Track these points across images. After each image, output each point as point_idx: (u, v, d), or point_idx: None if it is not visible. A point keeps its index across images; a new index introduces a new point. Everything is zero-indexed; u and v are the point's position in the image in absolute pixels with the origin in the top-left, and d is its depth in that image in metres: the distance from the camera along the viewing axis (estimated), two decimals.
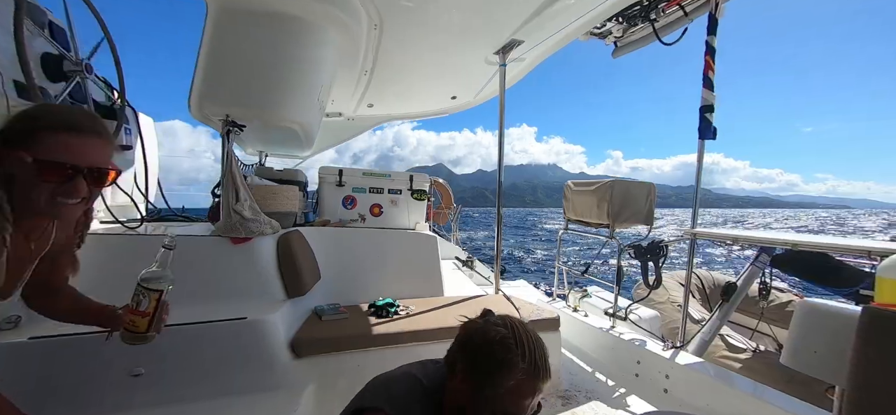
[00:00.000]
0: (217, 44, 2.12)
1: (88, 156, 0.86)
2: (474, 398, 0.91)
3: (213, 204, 2.57)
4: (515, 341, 0.91)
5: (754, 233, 2.31)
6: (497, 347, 0.91)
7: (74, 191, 0.86)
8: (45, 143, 0.82)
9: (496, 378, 0.89)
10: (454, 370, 0.97)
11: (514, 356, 0.89)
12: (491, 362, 0.90)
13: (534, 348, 0.92)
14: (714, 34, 2.46)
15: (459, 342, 0.99)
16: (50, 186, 0.83)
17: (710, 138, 2.52)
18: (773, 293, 3.54)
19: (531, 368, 0.90)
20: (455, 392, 0.96)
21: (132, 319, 1.04)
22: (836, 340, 1.29)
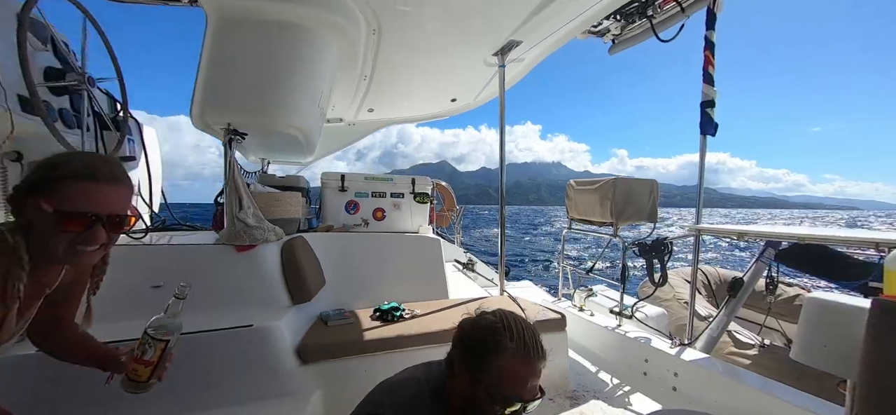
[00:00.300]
0: (217, 53, 2.13)
1: (108, 203, 0.87)
2: (473, 388, 0.93)
3: (216, 212, 2.58)
4: (504, 326, 0.95)
5: (759, 227, 2.30)
6: (487, 333, 0.95)
7: (93, 239, 0.86)
8: (66, 191, 0.82)
9: (489, 363, 0.91)
10: (453, 368, 1.00)
11: (503, 339, 0.92)
12: (482, 348, 0.93)
13: (523, 331, 0.95)
14: (713, 29, 2.45)
15: (455, 339, 1.02)
16: (69, 235, 0.83)
17: (711, 134, 2.51)
18: (781, 288, 3.51)
19: (521, 348, 0.92)
20: (456, 389, 0.98)
21: (135, 367, 1.02)
22: (845, 333, 1.28)
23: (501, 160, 3.20)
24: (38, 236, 0.84)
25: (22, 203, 0.83)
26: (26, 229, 0.84)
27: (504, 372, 0.91)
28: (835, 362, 1.31)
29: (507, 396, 0.90)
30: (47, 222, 0.82)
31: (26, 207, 0.83)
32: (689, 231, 2.51)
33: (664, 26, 2.75)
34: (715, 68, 2.50)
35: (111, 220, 0.87)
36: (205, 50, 2.13)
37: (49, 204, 0.81)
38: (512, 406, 0.90)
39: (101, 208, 0.85)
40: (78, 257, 0.87)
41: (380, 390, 1.03)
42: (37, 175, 0.84)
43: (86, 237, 0.85)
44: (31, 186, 0.83)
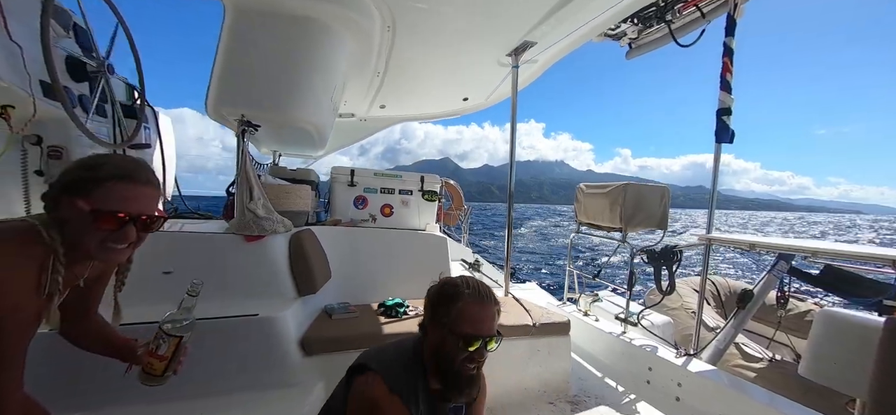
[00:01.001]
0: (233, 45, 2.16)
1: (140, 204, 0.92)
2: (438, 335, 1.13)
3: (227, 202, 2.62)
4: (460, 280, 1.16)
5: (772, 239, 2.25)
6: (445, 286, 1.16)
7: (124, 238, 0.91)
8: (102, 192, 0.87)
9: (449, 308, 1.11)
10: (425, 328, 1.20)
11: (459, 289, 1.13)
12: (443, 298, 1.14)
13: (476, 283, 1.16)
14: (732, 35, 2.40)
15: (424, 305, 1.21)
16: (102, 233, 0.88)
17: (727, 141, 2.47)
18: (792, 302, 3.44)
19: (475, 294, 1.12)
20: (429, 346, 1.17)
21: (150, 361, 1.07)
22: (857, 351, 1.25)
23: (511, 162, 3.19)
24: (71, 233, 0.88)
25: (57, 200, 0.88)
26: (60, 226, 0.88)
27: (463, 313, 1.10)
28: (844, 379, 1.28)
29: (468, 334, 1.08)
30: (82, 220, 0.86)
31: (61, 204, 0.87)
32: (700, 240, 2.47)
33: (683, 32, 2.71)
34: (733, 76, 2.46)
35: (142, 220, 0.92)
36: (222, 42, 2.16)
37: (86, 204, 0.85)
38: (474, 343, 1.08)
39: (133, 209, 0.91)
40: (109, 254, 0.91)
41: (368, 351, 1.21)
42: (73, 175, 0.89)
43: (118, 236, 0.90)
44: (67, 185, 0.88)
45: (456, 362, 1.10)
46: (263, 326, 1.80)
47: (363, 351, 1.22)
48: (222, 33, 2.16)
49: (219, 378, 1.70)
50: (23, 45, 1.51)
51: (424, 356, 1.19)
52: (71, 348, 1.52)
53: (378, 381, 1.09)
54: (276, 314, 1.84)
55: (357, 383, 1.12)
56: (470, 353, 1.09)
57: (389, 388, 1.08)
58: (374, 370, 1.11)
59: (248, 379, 1.74)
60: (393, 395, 1.08)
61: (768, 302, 2.65)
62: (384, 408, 1.06)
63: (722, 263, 17.45)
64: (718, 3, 2.48)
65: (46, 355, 1.50)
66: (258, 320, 1.79)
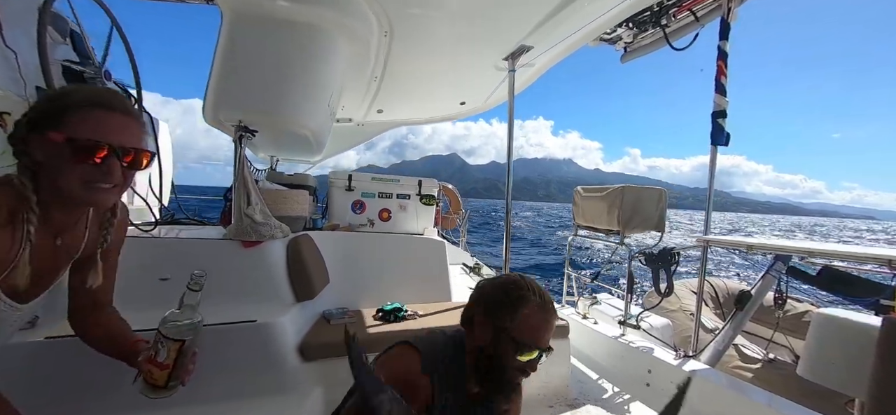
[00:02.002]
0: (231, 50, 2.16)
1: (121, 134, 0.79)
2: (495, 335, 1.03)
3: (224, 207, 2.61)
4: (523, 282, 1.07)
5: (770, 240, 2.26)
6: (509, 287, 1.06)
7: (109, 172, 0.78)
8: (77, 121, 0.75)
9: (512, 312, 1.02)
10: (472, 323, 1.10)
11: (525, 292, 1.04)
12: (505, 299, 1.04)
13: (540, 290, 1.07)
14: (726, 39, 2.43)
15: (472, 300, 1.13)
16: (83, 168, 0.76)
17: (722, 144, 2.49)
18: (790, 303, 3.45)
19: (541, 301, 1.04)
20: (476, 343, 1.08)
21: (149, 369, 0.91)
22: (855, 351, 1.26)
23: (509, 163, 3.19)
24: (47, 176, 0.76)
25: (25, 141, 0.75)
26: (32, 171, 0.76)
27: (528, 321, 1.01)
28: (843, 379, 1.29)
29: (527, 342, 1.01)
30: (57, 156, 0.74)
31: (30, 144, 0.75)
32: (698, 242, 2.48)
33: (677, 35, 2.74)
34: (727, 79, 2.48)
35: (126, 153, 0.80)
36: (219, 47, 2.16)
37: (58, 135, 0.73)
38: (529, 353, 1.01)
39: (114, 139, 0.77)
40: (94, 195, 0.79)
41: (420, 335, 1.12)
42: (41, 107, 0.76)
43: (101, 170, 0.77)
44: (36, 120, 0.75)
45: (508, 369, 1.03)
46: (261, 332, 1.79)
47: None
48: (220, 38, 2.16)
49: (216, 385, 1.68)
50: (18, 51, 1.51)
51: (468, 351, 1.11)
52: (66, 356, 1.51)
53: (415, 357, 1.04)
54: (274, 320, 1.83)
55: (394, 350, 1.08)
56: (524, 363, 1.02)
57: (422, 367, 1.03)
58: (414, 347, 1.06)
59: (247, 385, 1.73)
60: (423, 375, 1.02)
61: (766, 303, 2.66)
62: (408, 381, 1.00)
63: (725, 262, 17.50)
64: (712, 7, 2.51)
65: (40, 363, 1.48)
66: (256, 327, 1.78)
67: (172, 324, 0.91)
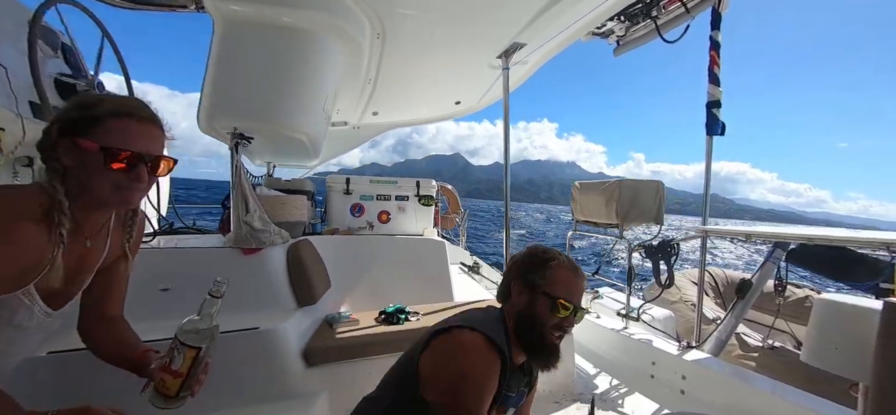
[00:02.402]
0: (224, 58, 2.15)
1: (148, 142, 0.85)
2: (531, 296, 1.11)
3: (223, 216, 2.60)
4: (549, 248, 1.17)
5: (768, 228, 2.27)
6: (537, 251, 1.17)
7: (139, 177, 0.83)
8: (109, 129, 0.79)
9: (544, 271, 1.10)
10: (508, 294, 1.17)
11: (552, 254, 1.14)
12: (538, 262, 1.13)
13: (566, 255, 1.15)
14: (718, 29, 2.44)
15: (507, 270, 1.21)
16: (115, 174, 0.80)
17: (718, 134, 2.50)
18: (790, 289, 3.47)
19: (568, 262, 1.13)
20: (511, 309, 1.15)
21: (162, 378, 0.89)
22: (857, 335, 1.26)
23: (506, 162, 3.20)
24: (77, 179, 0.80)
25: (54, 147, 0.80)
26: (62, 174, 0.80)
27: (558, 277, 1.10)
28: (846, 364, 1.29)
29: (563, 298, 1.07)
30: (89, 163, 0.79)
31: (59, 150, 0.79)
32: (697, 232, 2.49)
33: (669, 27, 2.74)
34: (720, 68, 2.49)
35: (153, 160, 0.85)
36: (212, 55, 2.15)
37: (92, 143, 0.78)
38: (567, 309, 1.07)
39: (142, 147, 0.83)
40: (123, 196, 0.84)
41: (453, 317, 1.14)
42: (71, 116, 0.80)
43: (131, 176, 0.82)
44: (65, 127, 0.79)
45: (546, 327, 1.07)
46: (264, 339, 1.78)
47: (448, 318, 1.15)
48: (212, 46, 2.15)
49: (221, 394, 1.67)
50: (9, 66, 1.50)
51: (507, 320, 1.14)
52: (69, 370, 1.50)
53: (476, 335, 1.00)
54: (276, 326, 1.82)
55: (443, 340, 1.03)
56: (560, 319, 1.07)
57: (488, 342, 1.00)
58: (468, 327, 1.03)
59: (251, 393, 1.72)
60: (493, 351, 1.00)
61: (766, 290, 2.67)
62: (483, 358, 0.98)
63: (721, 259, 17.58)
64: None
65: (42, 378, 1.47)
66: (259, 334, 1.77)
67: (191, 330, 0.90)
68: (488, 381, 0.98)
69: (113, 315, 1.07)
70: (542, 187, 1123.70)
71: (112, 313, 1.08)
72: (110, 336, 1.07)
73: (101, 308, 1.05)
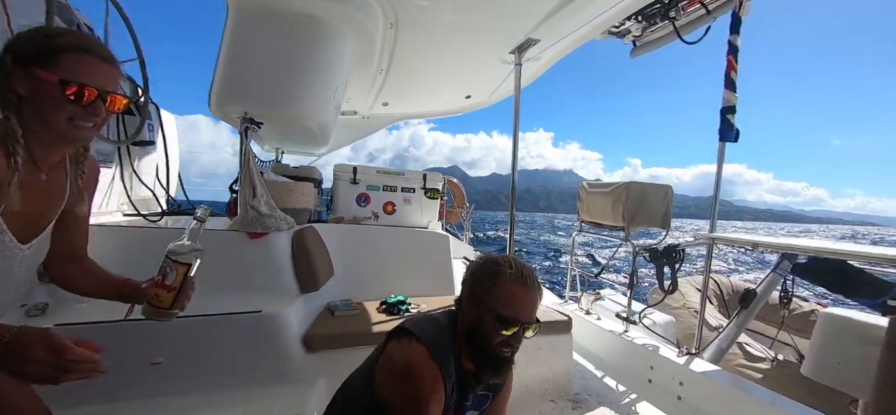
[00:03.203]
0: (237, 42, 2.17)
1: (105, 79, 0.86)
2: (477, 312, 1.08)
3: (230, 199, 2.63)
4: (503, 259, 1.11)
5: (775, 239, 2.24)
6: (487, 263, 1.12)
7: (95, 112, 0.84)
8: (67, 62, 0.80)
9: (490, 286, 1.06)
10: (460, 304, 1.15)
11: (502, 268, 1.08)
12: (484, 276, 1.09)
13: (520, 264, 1.10)
14: (737, 33, 2.39)
15: (462, 280, 1.17)
16: (71, 108, 0.81)
17: (731, 140, 2.46)
18: (795, 302, 3.43)
19: (518, 276, 1.07)
20: (463, 321, 1.13)
21: (156, 292, 0.99)
22: (860, 351, 1.25)
23: (513, 160, 3.18)
24: (33, 111, 0.81)
25: (9, 76, 0.79)
26: (17, 106, 0.81)
27: (504, 294, 1.05)
28: (848, 380, 1.28)
29: (507, 316, 1.04)
30: (47, 94, 0.79)
31: (14, 78, 0.79)
32: (703, 239, 2.46)
33: (688, 29, 2.69)
34: (737, 74, 2.44)
35: (109, 97, 0.86)
36: (225, 39, 2.17)
37: (52, 75, 0.78)
38: (512, 327, 1.04)
39: (101, 83, 0.84)
40: (77, 132, 0.85)
41: (408, 321, 1.14)
42: (28, 45, 0.80)
43: (88, 111, 0.83)
44: (21, 56, 0.79)
45: (492, 343, 1.06)
46: (266, 322, 1.81)
47: (403, 322, 1.15)
48: (225, 31, 2.16)
49: (222, 374, 1.71)
50: None
51: (458, 331, 1.14)
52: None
53: (419, 346, 1.03)
54: (279, 311, 1.85)
55: (391, 348, 1.07)
56: (506, 336, 1.05)
57: (430, 354, 1.02)
58: (415, 335, 1.05)
59: (252, 375, 1.75)
60: (432, 362, 1.01)
61: (771, 302, 2.65)
62: (421, 374, 1.00)
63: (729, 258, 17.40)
64: (723, 0, 2.46)
65: None
66: (261, 317, 1.80)
67: (181, 250, 1.00)
68: (428, 397, 0.99)
69: (81, 255, 1.11)
70: (540, 196, 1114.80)
71: (80, 252, 1.11)
72: (86, 273, 1.11)
73: (70, 249, 1.07)
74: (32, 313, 1.59)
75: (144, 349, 1.61)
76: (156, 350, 1.62)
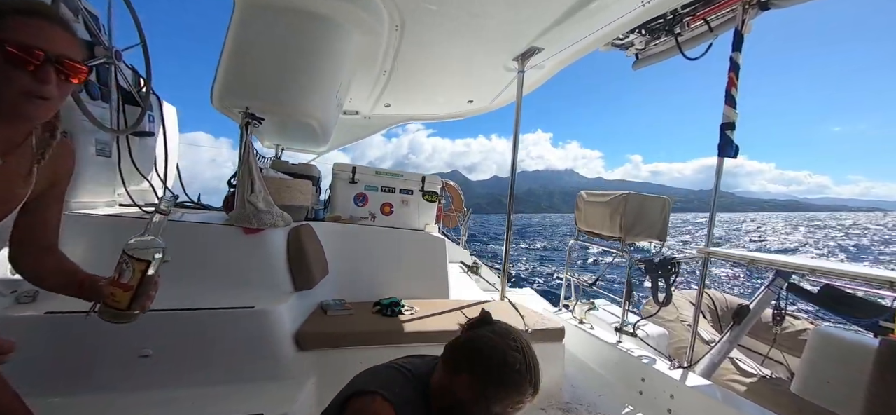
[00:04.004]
0: (241, 37, 2.17)
1: (58, 44, 0.77)
2: (478, 404, 0.98)
3: (228, 193, 2.62)
4: (526, 366, 0.98)
5: (770, 256, 2.25)
6: (510, 365, 0.97)
7: (46, 78, 0.75)
8: (13, 26, 0.72)
9: (505, 395, 0.97)
10: (458, 371, 1.01)
11: (525, 385, 0.98)
12: (503, 382, 0.97)
13: (537, 374, 1.00)
14: (739, 51, 2.41)
15: (470, 349, 1.02)
16: (20, 75, 0.73)
17: (731, 156, 2.48)
18: (788, 320, 3.44)
19: (534, 392, 1.00)
20: (453, 390, 1.00)
21: (112, 291, 0.91)
22: (851, 371, 1.26)
23: (513, 166, 3.19)
24: None
25: None
26: None
27: (514, 408, 0.99)
28: (837, 398, 1.28)
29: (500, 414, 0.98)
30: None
31: None
32: (698, 254, 2.47)
33: (690, 45, 2.72)
34: (738, 91, 2.46)
35: (62, 62, 0.77)
36: (230, 33, 2.17)
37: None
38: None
39: (51, 47, 0.75)
40: (29, 107, 0.76)
41: (363, 375, 1.05)
42: None
43: (38, 78, 0.74)
44: None
45: None
46: (259, 318, 1.80)
47: (357, 376, 1.06)
48: (230, 25, 2.17)
49: (212, 368, 1.70)
50: None
51: (434, 390, 1.04)
52: (66, 332, 1.53)
53: (384, 405, 0.91)
54: (271, 307, 1.84)
55: (357, 405, 0.94)
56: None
57: (395, 409, 0.91)
58: (376, 392, 0.94)
59: (242, 370, 1.74)
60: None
61: (764, 319, 2.65)
62: None
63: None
64: (726, 17, 2.49)
65: (39, 338, 1.50)
66: (254, 313, 1.79)
67: (139, 246, 0.91)
68: None
69: (49, 245, 1.04)
70: (542, 197, 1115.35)
71: (48, 243, 1.03)
72: (50, 265, 1.03)
73: (37, 238, 1.01)
74: (22, 299, 1.58)
75: (134, 341, 1.60)
76: (144, 342, 1.61)
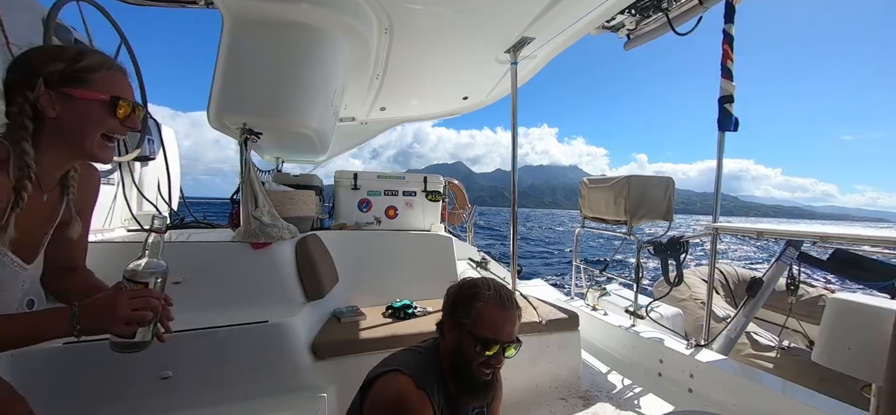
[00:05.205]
0: (233, 54, 2.17)
1: (132, 92, 0.88)
2: (458, 336, 1.11)
3: (232, 210, 2.63)
4: (481, 281, 1.14)
5: (780, 226, 2.23)
6: (466, 287, 1.15)
7: (132, 125, 0.86)
8: (100, 81, 0.81)
9: (469, 309, 1.09)
10: (443, 329, 1.18)
11: (480, 290, 1.11)
12: (463, 299, 1.12)
13: (498, 286, 1.14)
14: (732, 22, 2.39)
15: (443, 305, 1.20)
16: (111, 123, 0.82)
17: (730, 130, 2.45)
18: (802, 288, 3.41)
19: (496, 297, 1.10)
20: (446, 346, 1.16)
21: None
22: (871, 336, 1.24)
23: (513, 158, 3.18)
24: (61, 133, 0.80)
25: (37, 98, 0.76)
26: (31, 131, 0.77)
27: (483, 315, 1.08)
28: (859, 365, 1.27)
29: (487, 337, 1.06)
30: (87, 114, 0.80)
31: (42, 101, 0.77)
32: (707, 230, 2.45)
33: (681, 20, 2.69)
34: (733, 62, 2.44)
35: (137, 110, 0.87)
36: (221, 51, 2.17)
37: (93, 93, 0.79)
38: (492, 348, 1.06)
39: (133, 96, 0.86)
40: (106, 151, 0.86)
41: (381, 362, 1.16)
42: (59, 66, 0.78)
43: (125, 124, 0.85)
44: (57, 77, 0.78)
45: (472, 366, 1.08)
46: (273, 332, 1.81)
47: (372, 368, 1.16)
48: (221, 43, 2.17)
49: (231, 386, 1.71)
50: None
51: (442, 357, 1.16)
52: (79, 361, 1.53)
53: (402, 377, 1.04)
54: (285, 320, 1.85)
55: (377, 385, 1.06)
56: (487, 357, 1.07)
57: (415, 383, 1.03)
58: (395, 370, 1.06)
59: (260, 385, 1.75)
60: (419, 390, 1.03)
61: (778, 289, 2.63)
62: (410, 402, 1.00)
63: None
64: None
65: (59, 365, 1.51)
66: (268, 327, 1.80)
67: (136, 270, 0.87)
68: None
69: (80, 266, 1.08)
70: (545, 192, 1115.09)
71: (76, 264, 1.08)
72: (78, 285, 1.05)
73: (67, 261, 1.05)
74: None
75: (154, 363, 1.61)
76: (165, 363, 1.62)
